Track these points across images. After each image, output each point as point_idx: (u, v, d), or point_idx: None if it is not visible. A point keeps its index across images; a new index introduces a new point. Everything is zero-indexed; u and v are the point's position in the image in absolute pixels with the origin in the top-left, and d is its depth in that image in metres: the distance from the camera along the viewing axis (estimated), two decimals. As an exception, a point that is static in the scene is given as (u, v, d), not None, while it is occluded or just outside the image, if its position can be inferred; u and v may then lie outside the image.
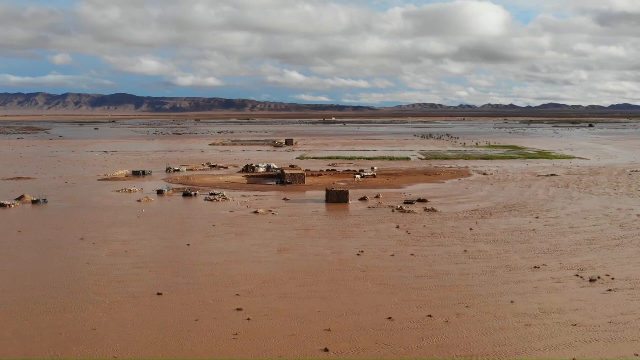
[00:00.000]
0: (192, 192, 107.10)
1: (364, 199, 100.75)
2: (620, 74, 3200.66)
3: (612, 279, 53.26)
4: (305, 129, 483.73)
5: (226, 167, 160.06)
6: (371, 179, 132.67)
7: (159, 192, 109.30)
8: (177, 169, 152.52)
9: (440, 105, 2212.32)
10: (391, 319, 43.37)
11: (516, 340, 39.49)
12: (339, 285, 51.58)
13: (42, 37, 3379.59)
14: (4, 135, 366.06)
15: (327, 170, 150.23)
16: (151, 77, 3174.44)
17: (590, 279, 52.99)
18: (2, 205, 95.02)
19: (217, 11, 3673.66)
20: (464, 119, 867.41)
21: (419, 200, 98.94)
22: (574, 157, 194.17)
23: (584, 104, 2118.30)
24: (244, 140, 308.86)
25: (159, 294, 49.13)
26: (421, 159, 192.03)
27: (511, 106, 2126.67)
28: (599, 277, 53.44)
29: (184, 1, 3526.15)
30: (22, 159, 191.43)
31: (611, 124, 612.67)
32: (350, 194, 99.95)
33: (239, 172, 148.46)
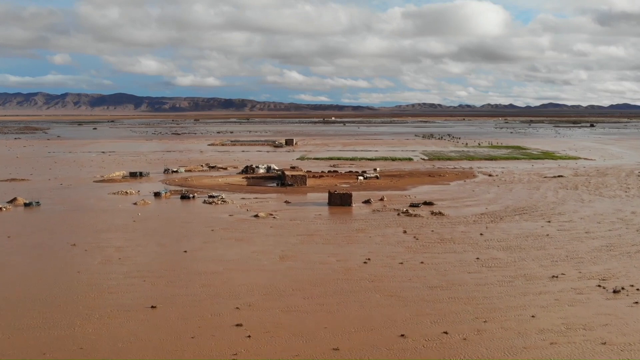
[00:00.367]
0: (191, 195, 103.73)
1: (368, 201, 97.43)
2: (620, 74, 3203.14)
3: (638, 289, 49.89)
4: (305, 129, 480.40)
5: (225, 168, 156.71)
6: (374, 180, 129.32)
7: (156, 194, 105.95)
8: (175, 170, 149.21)
9: (440, 105, 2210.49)
10: (404, 336, 40.03)
11: (542, 360, 36.21)
12: (346, 297, 48.22)
13: (41, 37, 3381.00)
14: (1, 135, 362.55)
15: (329, 171, 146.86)
16: (151, 77, 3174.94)
17: (614, 290, 49.65)
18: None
19: (217, 11, 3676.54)
20: (464, 119, 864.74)
21: (425, 203, 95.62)
22: (579, 157, 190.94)
23: (584, 104, 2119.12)
24: (243, 140, 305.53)
25: (153, 307, 45.77)
26: (424, 159, 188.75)
27: (511, 106, 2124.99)
28: (623, 288, 50.08)
29: (184, 1, 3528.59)
30: (18, 159, 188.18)
31: (612, 124, 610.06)
32: (353, 196, 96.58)
33: (239, 173, 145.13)
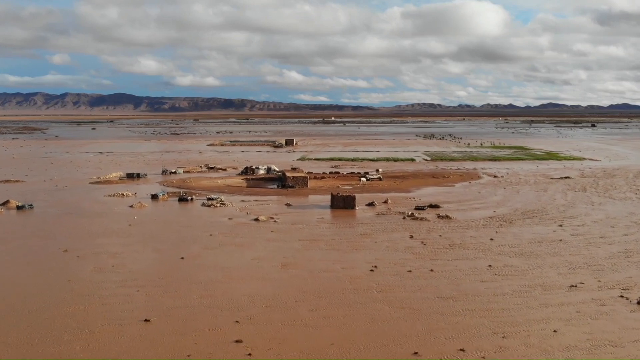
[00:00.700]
0: (189, 197, 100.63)
1: (371, 204, 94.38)
2: (619, 74, 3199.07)
3: (663, 301, 46.89)
4: (305, 129, 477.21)
5: (225, 169, 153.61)
6: (377, 182, 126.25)
7: (154, 196, 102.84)
8: (173, 171, 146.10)
9: (439, 105, 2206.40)
10: (417, 354, 36.98)
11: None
12: (353, 309, 45.14)
13: (40, 37, 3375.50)
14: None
15: (330, 172, 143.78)
16: (150, 77, 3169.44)
17: (638, 302, 46.57)
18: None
19: (216, 11, 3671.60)
20: (465, 119, 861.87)
21: (431, 206, 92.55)
22: (584, 158, 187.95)
23: (583, 104, 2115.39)
24: (243, 140, 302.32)
25: (146, 320, 42.67)
26: (426, 160, 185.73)
27: (510, 106, 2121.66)
28: (648, 299, 47.05)
29: (183, 1, 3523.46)
30: (14, 160, 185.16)
31: (613, 123, 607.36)
32: (357, 199, 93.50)
33: (238, 174, 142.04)
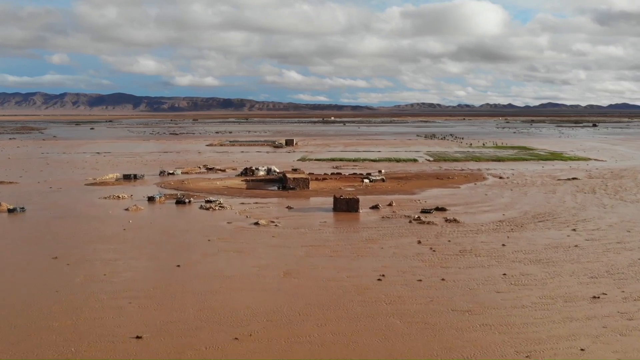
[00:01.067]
0: (186, 200, 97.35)
1: (376, 207, 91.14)
2: (618, 74, 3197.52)
3: (694, 314, 43.69)
4: (305, 129, 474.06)
5: (224, 170, 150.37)
6: (380, 183, 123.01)
7: (150, 199, 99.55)
8: (171, 172, 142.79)
9: (438, 105, 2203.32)
10: (435, 376, 33.79)
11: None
12: (362, 324, 41.88)
13: (39, 37, 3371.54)
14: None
15: (332, 173, 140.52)
16: (149, 77, 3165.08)
17: (667, 314, 43.42)
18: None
19: (215, 11, 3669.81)
20: (465, 119, 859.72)
21: (437, 208, 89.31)
22: (589, 158, 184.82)
23: (583, 104, 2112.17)
24: (242, 140, 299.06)
25: (138, 337, 39.42)
26: (429, 160, 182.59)
27: (510, 106, 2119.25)
28: (678, 312, 43.86)
29: (182, 1, 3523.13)
30: (10, 160, 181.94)
31: (613, 123, 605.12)
32: (360, 201, 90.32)
33: (238, 175, 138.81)
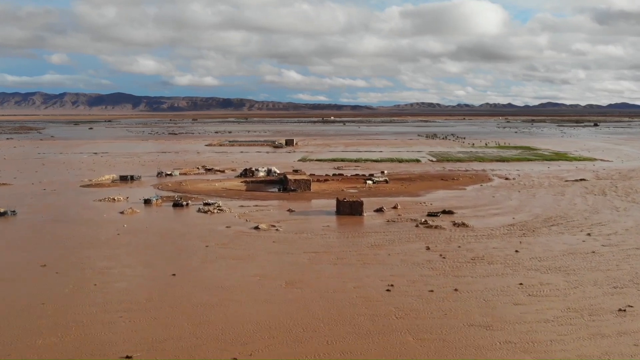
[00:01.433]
0: (184, 202, 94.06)
1: (380, 210, 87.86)
2: (618, 73, 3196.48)
3: None
4: (305, 128, 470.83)
5: (223, 171, 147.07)
6: (384, 185, 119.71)
7: (146, 201, 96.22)
8: (169, 173, 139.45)
9: (438, 104, 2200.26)
10: (455, 403, 30.52)
11: None
12: (372, 341, 38.60)
13: (39, 37, 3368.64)
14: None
15: (334, 174, 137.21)
16: (149, 76, 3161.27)
17: (700, 330, 40.17)
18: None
19: (214, 10, 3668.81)
20: (465, 119, 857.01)
21: (444, 211, 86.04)
22: (594, 159, 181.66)
23: (582, 103, 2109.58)
24: (242, 140, 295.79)
25: (128, 357, 36.14)
26: (432, 161, 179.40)
27: (509, 105, 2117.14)
28: None
29: (181, 0, 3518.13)
30: (5, 161, 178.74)
31: (614, 123, 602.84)
32: (364, 204, 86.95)
33: (237, 176, 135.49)
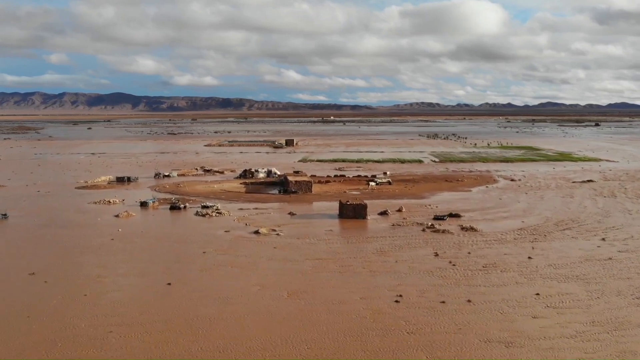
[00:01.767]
0: (181, 205, 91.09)
1: (384, 213, 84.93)
2: (617, 73, 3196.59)
3: None
4: (304, 128, 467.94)
5: (222, 172, 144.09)
6: (387, 186, 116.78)
7: (143, 204, 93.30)
8: (167, 174, 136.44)
9: (438, 104, 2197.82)
10: None
11: None
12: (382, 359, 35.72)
13: (38, 37, 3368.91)
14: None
15: (335, 175, 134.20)
16: (149, 76, 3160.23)
17: None
18: (-48, 222, 79.23)
19: (214, 10, 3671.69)
20: (465, 118, 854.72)
21: (451, 215, 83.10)
22: (600, 159, 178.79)
23: (582, 103, 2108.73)
24: (241, 140, 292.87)
25: (117, 379, 33.30)
26: (434, 161, 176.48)
27: (509, 105, 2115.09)
28: None
29: (180, 0, 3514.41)
30: (0, 161, 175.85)
31: (615, 122, 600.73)
32: (367, 206, 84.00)
33: (236, 178, 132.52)
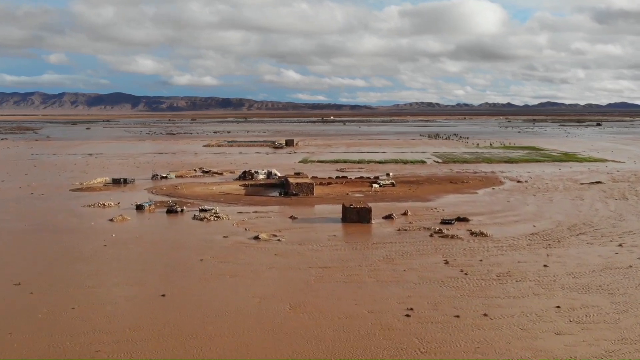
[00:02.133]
0: (179, 208, 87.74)
1: (389, 217, 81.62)
2: (617, 73, 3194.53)
3: None
4: (304, 128, 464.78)
5: (221, 174, 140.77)
6: (390, 188, 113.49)
7: (139, 207, 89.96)
8: (164, 175, 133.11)
9: (437, 104, 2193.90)
10: None
11: None
12: (394, 384, 32.51)
13: (37, 37, 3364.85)
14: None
15: (337, 177, 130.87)
16: (148, 76, 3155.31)
17: None
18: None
19: (213, 10, 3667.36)
20: (465, 118, 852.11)
21: (459, 219, 79.78)
22: (605, 159, 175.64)
23: (582, 103, 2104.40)
24: (241, 141, 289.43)
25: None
26: (438, 162, 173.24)
27: (509, 105, 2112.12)
28: None
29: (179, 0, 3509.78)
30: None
31: (616, 122, 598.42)
32: (371, 210, 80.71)
33: (236, 179, 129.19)
